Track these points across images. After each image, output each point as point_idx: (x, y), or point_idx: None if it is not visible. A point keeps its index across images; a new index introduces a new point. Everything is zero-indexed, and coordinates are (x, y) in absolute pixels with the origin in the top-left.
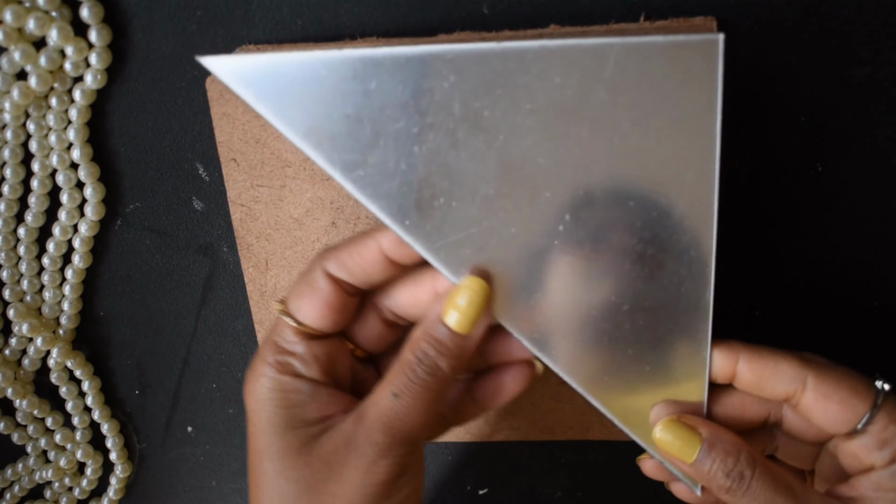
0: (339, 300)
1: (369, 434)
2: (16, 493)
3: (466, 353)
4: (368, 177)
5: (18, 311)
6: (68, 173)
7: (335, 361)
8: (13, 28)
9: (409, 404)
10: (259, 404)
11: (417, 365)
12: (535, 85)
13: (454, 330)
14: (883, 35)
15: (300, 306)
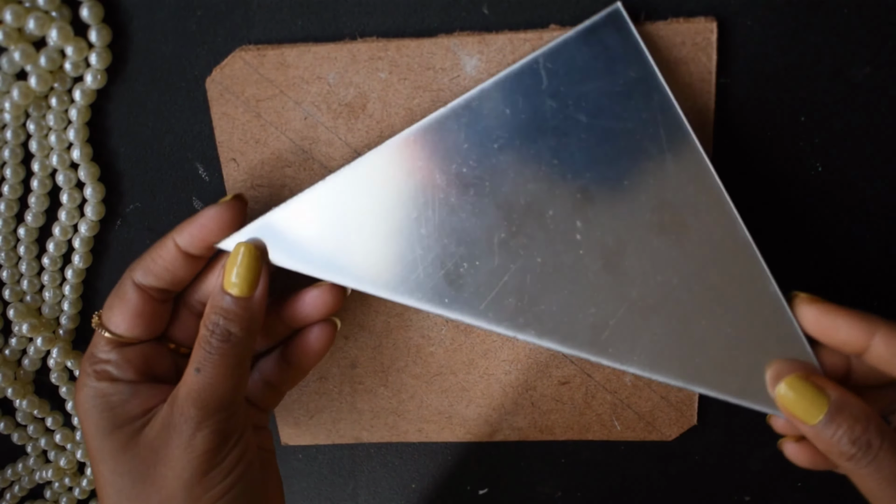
0: (148, 308)
1: (182, 411)
2: (16, 493)
3: (254, 315)
4: (394, 278)
5: (18, 311)
6: (68, 173)
7: (152, 361)
8: (13, 28)
9: (211, 374)
10: (85, 412)
11: (211, 336)
12: (492, 124)
13: (235, 295)
14: (882, 35)
15: (111, 317)
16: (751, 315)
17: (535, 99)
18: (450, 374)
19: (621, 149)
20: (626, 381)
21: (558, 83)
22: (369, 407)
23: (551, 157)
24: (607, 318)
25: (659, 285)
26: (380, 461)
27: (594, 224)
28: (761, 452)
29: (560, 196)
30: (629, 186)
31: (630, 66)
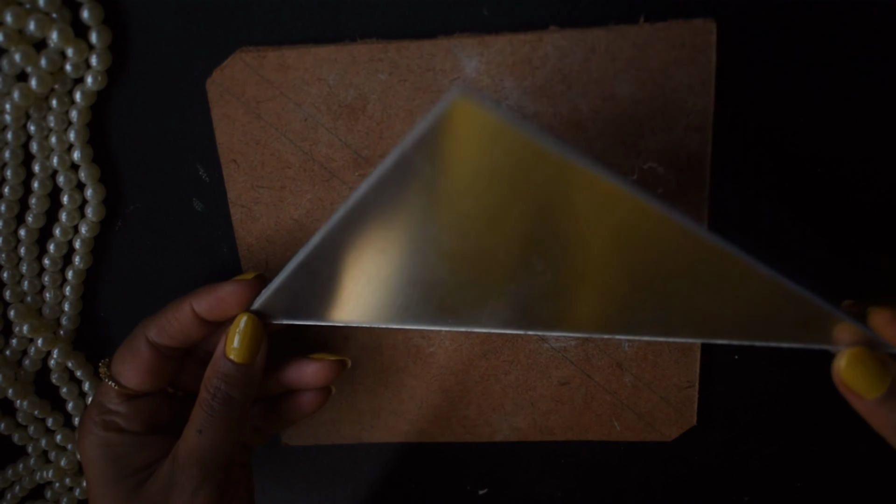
0: (159, 364)
1: (185, 470)
2: (16, 493)
3: (254, 380)
4: (416, 304)
5: (19, 311)
6: (69, 174)
7: (157, 412)
8: (14, 29)
9: (212, 435)
10: (90, 460)
11: (212, 399)
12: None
13: (237, 362)
14: (883, 36)
15: (123, 371)
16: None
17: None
18: (450, 374)
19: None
20: (625, 381)
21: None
22: (369, 407)
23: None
24: (624, 295)
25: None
26: (380, 461)
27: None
28: (761, 452)
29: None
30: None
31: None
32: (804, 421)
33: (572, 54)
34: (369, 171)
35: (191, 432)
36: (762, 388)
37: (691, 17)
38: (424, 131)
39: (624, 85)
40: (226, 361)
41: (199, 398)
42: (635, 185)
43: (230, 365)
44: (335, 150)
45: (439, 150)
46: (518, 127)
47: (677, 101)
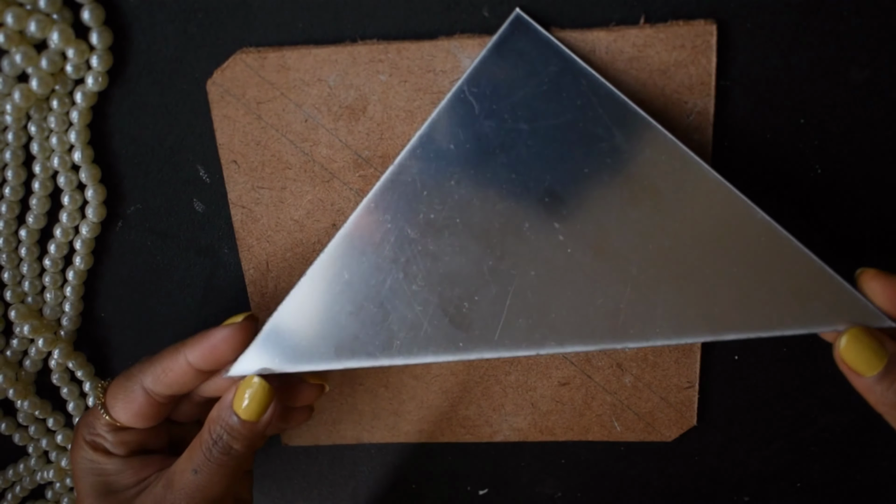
0: (152, 409)
1: (175, 501)
2: (17, 493)
3: (257, 436)
4: (405, 342)
5: (20, 312)
6: (69, 175)
7: (145, 441)
8: (14, 30)
9: (207, 479)
10: (79, 473)
11: (213, 446)
12: (441, 164)
13: (243, 419)
14: (882, 38)
15: (115, 406)
16: (752, 251)
17: (473, 126)
18: (450, 374)
19: (570, 141)
20: (625, 382)
21: (489, 103)
22: (370, 407)
23: (508, 173)
24: (618, 303)
25: (653, 254)
26: (380, 461)
27: (570, 220)
28: (761, 453)
29: (529, 206)
30: (590, 173)
31: (549, 63)
32: (804, 421)
33: None
34: (370, 172)
35: (187, 468)
36: (762, 388)
37: (692, 19)
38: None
39: (624, 86)
40: (232, 414)
41: (202, 436)
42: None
43: (236, 419)
44: (336, 150)
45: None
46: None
47: (677, 102)
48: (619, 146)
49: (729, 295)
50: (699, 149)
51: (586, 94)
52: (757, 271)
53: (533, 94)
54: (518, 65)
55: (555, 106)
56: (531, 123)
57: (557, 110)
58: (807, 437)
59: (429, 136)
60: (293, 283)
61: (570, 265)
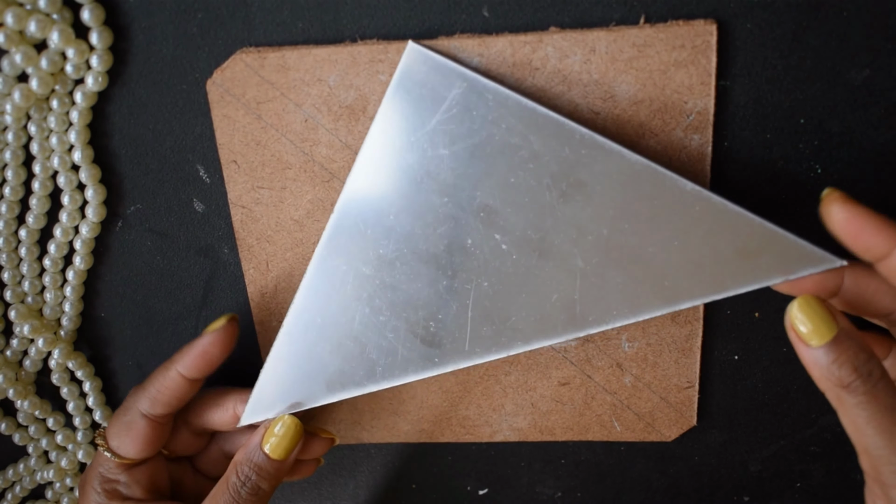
0: (155, 433)
1: None
2: (17, 493)
3: (283, 474)
4: (385, 367)
5: (20, 312)
6: (69, 175)
7: (155, 476)
8: (14, 30)
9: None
10: None
11: (241, 487)
12: (378, 202)
13: (273, 458)
14: (881, 38)
15: (120, 444)
16: (688, 220)
17: (397, 161)
18: (450, 374)
19: (490, 155)
20: (625, 382)
21: (406, 137)
22: (369, 407)
23: (440, 197)
24: (571, 295)
25: (594, 244)
26: (380, 461)
27: (509, 229)
28: (761, 453)
29: (468, 224)
30: (517, 182)
31: (452, 86)
32: (804, 421)
33: (573, 55)
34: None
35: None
36: (762, 388)
37: (691, 19)
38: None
39: (624, 86)
40: (261, 454)
41: (228, 480)
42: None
43: (264, 458)
44: (335, 150)
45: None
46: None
47: (677, 102)
48: (538, 150)
49: (676, 266)
50: (699, 149)
51: (494, 108)
52: (698, 238)
53: (445, 119)
54: (424, 94)
55: (468, 126)
56: (450, 147)
57: (472, 129)
58: (807, 437)
59: (359, 180)
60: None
61: (519, 270)
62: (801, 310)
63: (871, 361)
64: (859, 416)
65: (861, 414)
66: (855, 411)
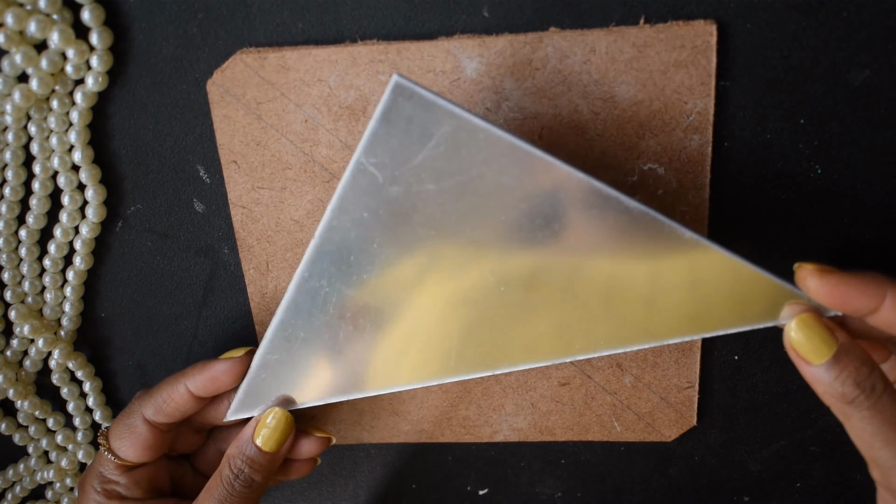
0: (157, 439)
1: None
2: (17, 493)
3: (275, 466)
4: (370, 380)
5: (20, 312)
6: (69, 175)
7: (155, 478)
8: (14, 31)
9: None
10: None
11: (234, 480)
12: (361, 233)
13: (265, 450)
14: (882, 39)
15: (121, 446)
16: (687, 266)
17: (381, 194)
18: None
19: (480, 193)
20: (625, 382)
21: (391, 170)
22: (369, 408)
23: (427, 230)
24: (559, 325)
25: (585, 281)
26: (380, 461)
27: (498, 264)
28: (761, 453)
29: (454, 258)
30: (507, 220)
31: (441, 123)
32: (804, 421)
33: (572, 55)
34: None
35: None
36: (762, 388)
37: (691, 19)
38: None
39: (624, 86)
40: (252, 446)
41: (221, 473)
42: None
43: (256, 451)
44: (336, 151)
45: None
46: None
47: (677, 103)
48: (531, 192)
49: (665, 305)
50: (699, 149)
51: (486, 147)
52: (691, 283)
53: (432, 155)
54: (410, 130)
55: (457, 163)
56: (438, 183)
57: (461, 167)
58: (807, 437)
59: (340, 209)
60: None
61: (506, 302)
62: (800, 330)
63: (873, 374)
64: (865, 429)
65: (867, 428)
66: (861, 425)
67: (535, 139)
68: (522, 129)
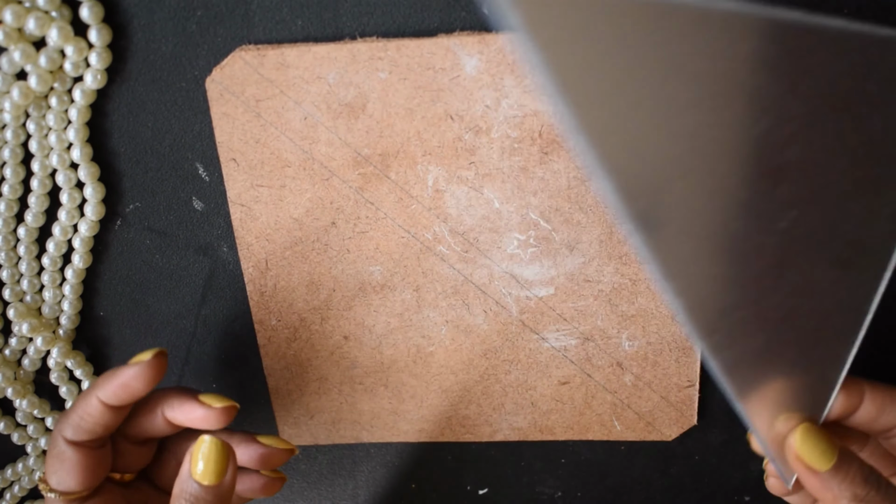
0: (89, 460)
1: None
2: (16, 493)
3: (227, 496)
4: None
5: (18, 310)
6: (68, 173)
7: (112, 501)
8: (13, 28)
9: None
10: None
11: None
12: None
13: (204, 484)
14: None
15: (60, 480)
16: (808, 379)
17: (865, 74)
18: (450, 374)
19: (879, 173)
20: (625, 381)
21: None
22: (369, 407)
23: (835, 137)
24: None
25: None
26: (380, 461)
27: (808, 219)
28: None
29: (807, 178)
30: (850, 208)
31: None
32: None
33: None
34: (369, 170)
35: None
36: None
37: None
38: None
39: None
40: (193, 483)
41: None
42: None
43: (196, 486)
44: (335, 148)
45: None
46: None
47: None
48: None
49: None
50: None
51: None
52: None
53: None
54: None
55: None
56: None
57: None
58: None
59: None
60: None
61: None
62: (804, 440)
63: (875, 470)
64: None
65: None
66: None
67: (535, 137)
68: (522, 127)
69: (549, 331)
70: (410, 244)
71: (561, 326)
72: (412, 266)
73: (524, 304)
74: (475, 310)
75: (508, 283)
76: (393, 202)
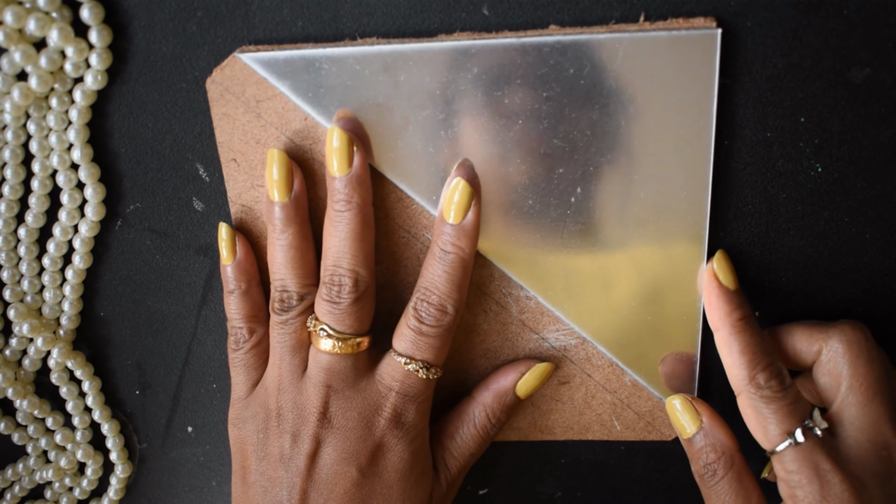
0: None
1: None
2: (16, 493)
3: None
4: (398, 159)
5: (19, 311)
6: (69, 174)
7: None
8: (14, 29)
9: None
10: None
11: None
12: (550, 75)
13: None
14: (882, 37)
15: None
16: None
17: (600, 72)
18: (450, 373)
19: (647, 150)
20: (625, 381)
21: (628, 69)
22: None
23: (586, 127)
24: (562, 271)
25: (617, 264)
26: None
27: (590, 197)
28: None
29: (575, 161)
30: (636, 181)
31: (695, 87)
32: None
33: None
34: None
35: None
36: None
37: (692, 16)
38: None
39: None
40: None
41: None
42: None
43: (514, 397)
44: None
45: None
46: None
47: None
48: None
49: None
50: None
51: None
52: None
53: (660, 92)
54: (671, 65)
55: (668, 115)
56: (640, 109)
57: (666, 121)
58: None
59: (563, 50)
60: None
61: (558, 225)
62: (672, 409)
63: (719, 460)
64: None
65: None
66: (707, 499)
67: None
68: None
69: (549, 331)
70: (410, 244)
71: (561, 326)
72: (412, 266)
73: (524, 304)
74: (475, 310)
75: (508, 283)
76: (393, 202)
